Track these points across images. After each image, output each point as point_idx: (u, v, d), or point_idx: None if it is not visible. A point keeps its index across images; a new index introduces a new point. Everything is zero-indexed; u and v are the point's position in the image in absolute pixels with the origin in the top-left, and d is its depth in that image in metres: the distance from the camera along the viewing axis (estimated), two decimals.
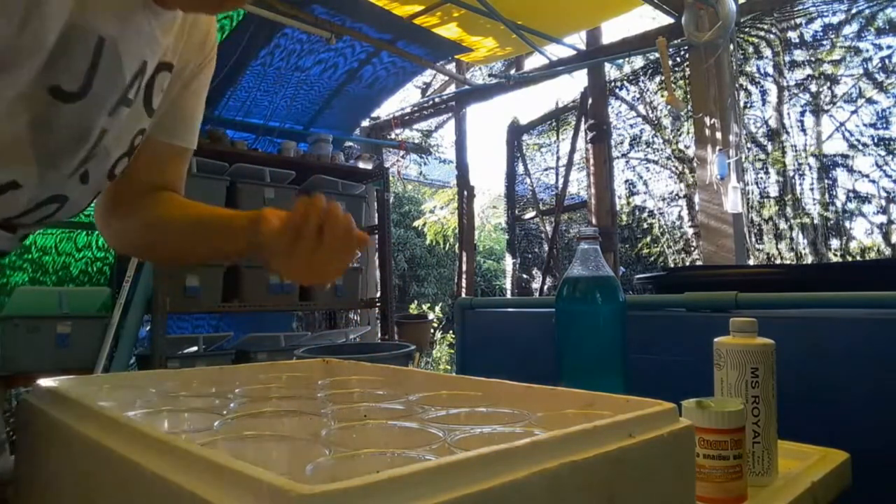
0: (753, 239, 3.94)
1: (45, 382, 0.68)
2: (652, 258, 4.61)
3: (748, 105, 4.08)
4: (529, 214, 5.39)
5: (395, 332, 4.22)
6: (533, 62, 5.30)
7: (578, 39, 4.75)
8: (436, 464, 0.37)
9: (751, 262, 3.79)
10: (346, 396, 0.74)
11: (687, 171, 4.42)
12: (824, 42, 3.79)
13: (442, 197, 9.08)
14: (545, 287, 5.02)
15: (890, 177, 3.64)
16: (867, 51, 3.67)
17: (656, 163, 4.69)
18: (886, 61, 3.60)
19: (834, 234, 3.87)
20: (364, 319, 5.31)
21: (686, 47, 3.95)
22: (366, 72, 4.50)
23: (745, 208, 3.65)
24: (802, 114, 3.93)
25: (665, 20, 4.07)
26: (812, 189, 3.88)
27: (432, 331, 7.15)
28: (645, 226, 4.73)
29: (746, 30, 3.98)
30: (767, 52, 4.00)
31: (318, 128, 4.82)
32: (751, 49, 4.06)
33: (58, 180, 0.66)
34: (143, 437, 0.46)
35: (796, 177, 3.91)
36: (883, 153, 3.64)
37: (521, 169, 5.42)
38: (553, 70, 4.72)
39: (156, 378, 0.79)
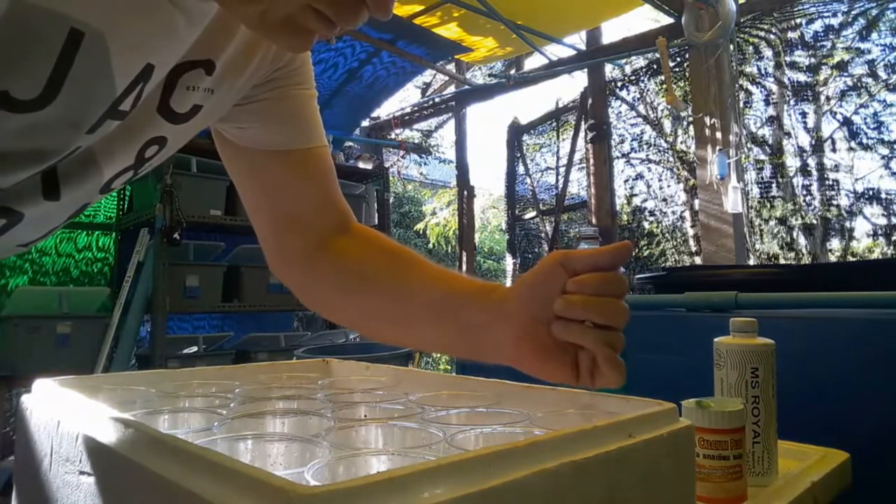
0: (753, 239, 3.94)
1: (44, 382, 0.68)
2: (652, 258, 4.61)
3: (748, 105, 4.08)
4: (530, 214, 5.39)
5: None
6: (533, 62, 5.30)
7: (578, 39, 4.75)
8: (436, 464, 0.37)
9: (751, 262, 3.79)
10: (346, 396, 0.74)
11: (687, 171, 4.42)
12: (825, 42, 3.79)
13: (442, 197, 9.08)
14: None
15: (891, 177, 3.64)
16: (868, 51, 3.67)
17: (657, 163, 4.69)
18: (887, 61, 3.60)
19: (834, 234, 3.86)
20: None
21: (686, 47, 3.94)
22: (366, 72, 4.49)
23: (745, 208, 3.65)
24: (803, 114, 3.93)
25: (665, 20, 4.06)
26: (812, 189, 3.88)
27: None
28: (645, 226, 4.73)
29: (746, 30, 3.98)
30: (768, 53, 4.00)
31: None
32: (751, 49, 4.06)
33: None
34: (143, 436, 0.46)
35: (797, 176, 3.91)
36: (885, 153, 3.64)
37: (521, 169, 5.41)
38: (553, 70, 4.71)
39: (156, 378, 0.79)
